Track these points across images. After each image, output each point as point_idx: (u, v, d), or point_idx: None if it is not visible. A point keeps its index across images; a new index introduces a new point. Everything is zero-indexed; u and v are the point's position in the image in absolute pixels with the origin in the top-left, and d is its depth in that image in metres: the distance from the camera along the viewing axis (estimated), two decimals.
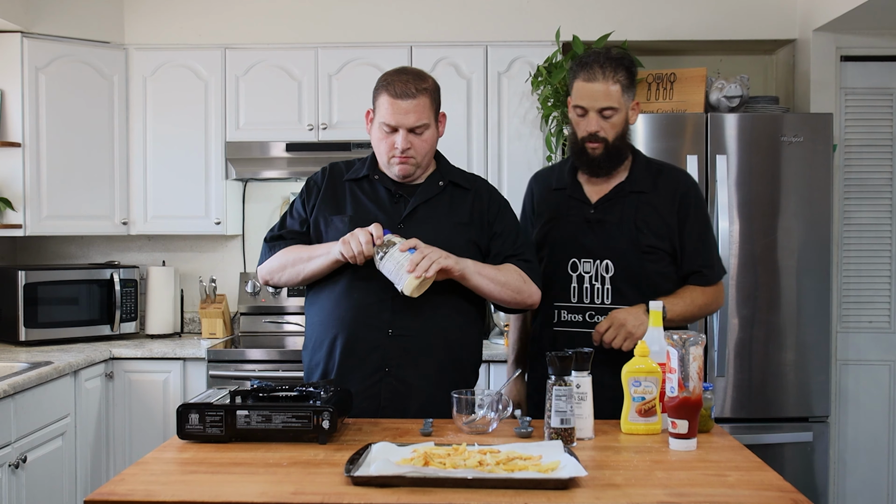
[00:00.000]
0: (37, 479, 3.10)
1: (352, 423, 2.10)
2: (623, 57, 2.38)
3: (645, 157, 2.50)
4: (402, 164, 2.27)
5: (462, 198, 2.35)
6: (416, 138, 2.25)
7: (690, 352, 1.88)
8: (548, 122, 3.90)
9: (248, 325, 4.28)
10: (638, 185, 2.41)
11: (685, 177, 2.49)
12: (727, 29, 4.03)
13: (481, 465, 1.65)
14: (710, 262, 2.44)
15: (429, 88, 2.26)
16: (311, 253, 2.27)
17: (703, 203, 2.47)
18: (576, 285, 2.40)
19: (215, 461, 1.78)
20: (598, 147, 2.36)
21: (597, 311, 2.38)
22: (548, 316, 2.45)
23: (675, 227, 2.39)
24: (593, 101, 2.34)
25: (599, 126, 2.34)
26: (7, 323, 3.83)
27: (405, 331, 2.23)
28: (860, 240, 3.90)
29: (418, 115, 2.23)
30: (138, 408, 3.74)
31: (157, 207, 4.10)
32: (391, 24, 4.08)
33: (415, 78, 2.25)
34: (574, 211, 2.44)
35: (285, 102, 4.06)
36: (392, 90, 2.22)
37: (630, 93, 2.38)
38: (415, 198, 2.31)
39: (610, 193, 2.41)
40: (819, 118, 3.57)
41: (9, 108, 3.84)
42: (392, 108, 2.22)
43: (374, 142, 2.31)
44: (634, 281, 2.36)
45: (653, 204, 2.40)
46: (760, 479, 1.66)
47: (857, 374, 3.90)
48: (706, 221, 2.47)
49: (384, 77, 2.28)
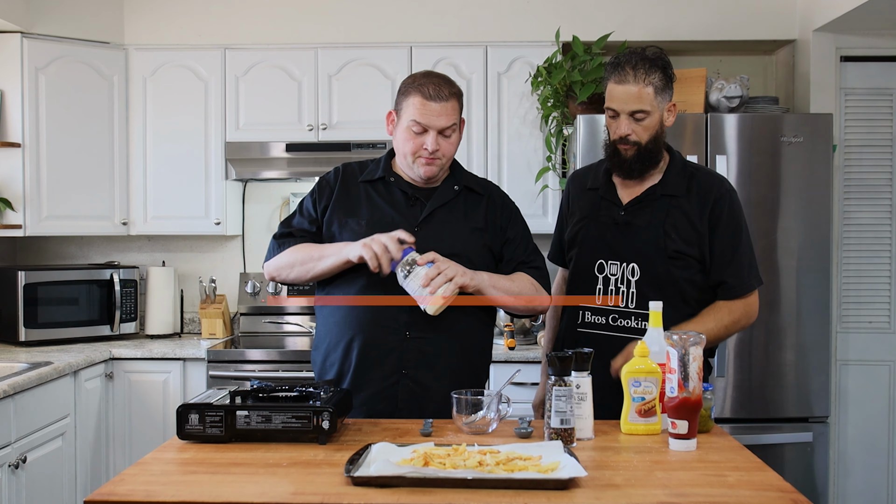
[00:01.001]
0: (37, 480, 3.10)
1: (352, 424, 2.10)
2: (658, 58, 2.31)
3: (682, 160, 2.42)
4: (428, 166, 2.27)
5: (476, 203, 2.37)
6: (444, 140, 2.26)
7: (690, 352, 1.87)
8: (548, 122, 3.90)
9: (248, 326, 4.28)
10: (670, 188, 2.36)
11: (720, 182, 2.39)
12: (727, 29, 4.03)
13: (481, 466, 1.65)
14: (739, 272, 2.34)
15: (458, 93, 2.30)
16: (322, 252, 2.27)
17: (737, 211, 2.37)
18: (601, 286, 2.37)
19: (215, 461, 1.78)
20: (630, 149, 2.32)
21: (620, 314, 2.35)
22: (573, 317, 2.44)
23: (706, 234, 2.32)
24: (624, 104, 2.29)
25: (631, 129, 2.30)
26: (7, 323, 3.83)
27: (422, 333, 2.24)
28: (860, 240, 3.90)
29: (448, 118, 2.25)
30: (138, 408, 3.74)
31: (157, 208, 4.10)
32: (391, 24, 4.08)
33: (446, 82, 2.28)
34: (605, 212, 2.41)
35: (285, 103, 4.06)
36: (425, 91, 2.24)
37: (665, 94, 2.32)
38: (431, 201, 2.32)
39: (641, 196, 2.37)
40: (819, 118, 3.57)
41: (9, 108, 3.84)
42: (424, 108, 2.23)
43: (399, 142, 2.31)
44: (659, 286, 2.31)
45: (683, 208, 2.34)
46: (760, 480, 1.66)
47: (857, 374, 3.90)
48: (738, 230, 2.36)
49: (414, 79, 2.29)
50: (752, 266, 2.38)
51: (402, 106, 2.29)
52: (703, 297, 2.36)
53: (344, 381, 2.29)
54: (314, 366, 2.40)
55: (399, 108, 2.30)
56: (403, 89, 2.30)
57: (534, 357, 3.62)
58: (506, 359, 3.64)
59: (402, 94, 2.30)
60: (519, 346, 3.85)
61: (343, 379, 2.29)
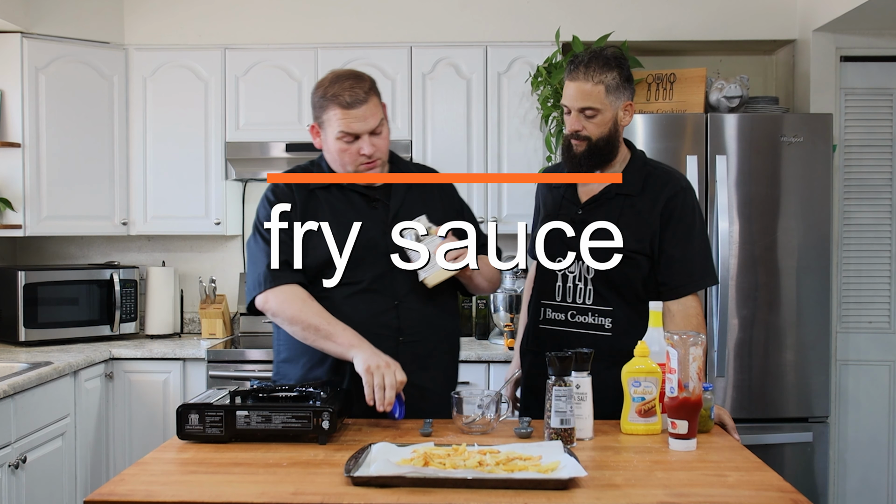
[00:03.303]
0: (37, 480, 3.10)
1: (352, 423, 2.10)
2: (614, 57, 2.31)
3: (643, 159, 2.42)
4: (371, 169, 2.24)
5: (428, 190, 2.35)
6: (377, 139, 2.22)
7: (690, 352, 1.88)
8: (548, 122, 3.90)
9: (248, 326, 4.28)
10: (625, 187, 2.35)
11: (676, 180, 2.36)
12: (727, 29, 4.03)
13: (481, 466, 1.65)
14: (684, 272, 2.29)
15: (372, 86, 2.23)
16: (329, 332, 2.13)
17: (690, 209, 2.33)
18: (560, 284, 2.38)
19: (215, 461, 1.78)
20: (581, 145, 2.33)
21: (578, 310, 2.35)
22: (535, 314, 2.45)
23: (657, 232, 2.31)
24: (574, 101, 2.31)
25: (581, 125, 2.31)
26: (7, 323, 3.83)
27: (414, 336, 2.24)
28: (860, 240, 3.90)
29: (374, 117, 2.20)
30: (138, 408, 3.74)
31: (157, 208, 4.10)
32: (391, 24, 4.07)
33: (357, 81, 2.21)
34: (564, 210, 2.43)
35: (285, 102, 4.06)
36: (342, 100, 2.17)
37: (619, 93, 2.30)
38: (393, 200, 2.28)
39: (597, 195, 2.38)
40: (819, 118, 3.57)
41: (9, 108, 3.84)
42: (347, 117, 2.17)
43: (332, 154, 2.25)
44: (613, 284, 2.31)
45: (637, 207, 2.33)
46: (760, 480, 1.66)
47: (856, 374, 3.90)
48: (690, 229, 2.32)
49: (325, 90, 2.20)
50: (705, 266, 2.34)
51: (322, 119, 2.22)
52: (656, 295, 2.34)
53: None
54: (283, 379, 2.28)
55: (320, 121, 2.24)
56: (318, 102, 2.22)
57: None
58: (505, 359, 3.63)
59: (319, 108, 2.22)
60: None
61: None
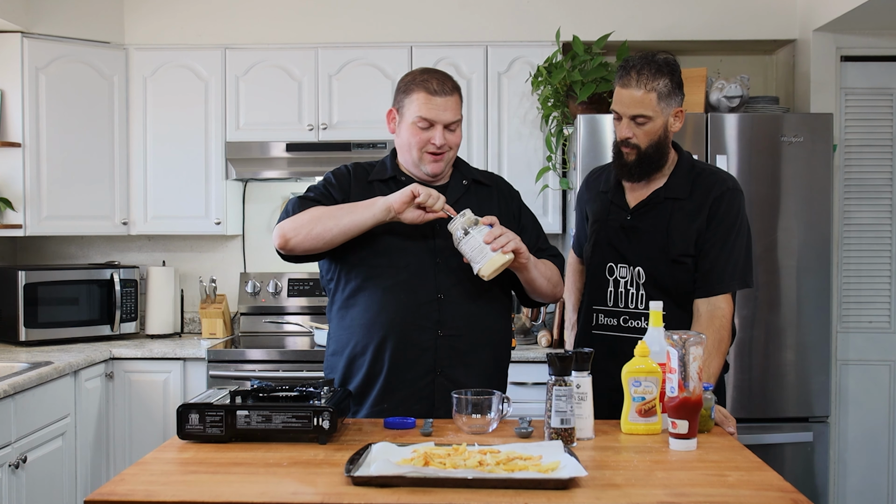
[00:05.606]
0: (37, 480, 3.10)
1: (352, 423, 2.10)
2: (666, 63, 2.32)
3: (690, 162, 2.41)
4: (436, 162, 2.26)
5: (487, 195, 2.37)
6: (450, 135, 2.26)
7: (690, 352, 1.87)
8: (548, 122, 3.91)
9: (248, 326, 4.28)
10: (674, 191, 2.36)
11: (723, 180, 2.37)
12: (727, 29, 4.03)
13: (481, 465, 1.65)
14: (720, 272, 2.30)
15: (459, 88, 2.30)
16: (351, 207, 2.19)
17: (735, 210, 2.33)
18: (612, 289, 2.41)
19: (215, 461, 1.78)
20: (631, 153, 2.34)
21: (631, 315, 2.37)
22: (587, 318, 2.47)
23: (702, 232, 2.32)
24: (626, 108, 2.31)
25: (632, 132, 2.32)
26: (7, 323, 3.83)
27: (455, 330, 2.24)
28: (860, 240, 3.90)
29: (454, 112, 2.25)
30: (138, 408, 3.74)
31: (157, 207, 4.10)
32: (391, 24, 4.08)
33: (447, 77, 2.29)
34: (613, 216, 2.44)
35: (285, 102, 4.06)
36: (429, 87, 2.23)
37: (670, 100, 2.31)
38: (448, 196, 2.28)
39: (646, 200, 2.39)
40: (819, 118, 3.57)
41: (9, 108, 3.84)
42: (429, 103, 2.22)
43: (403, 139, 2.28)
44: (665, 289, 2.33)
45: (686, 210, 2.34)
46: (760, 479, 1.66)
47: (857, 374, 3.90)
48: (730, 230, 2.32)
49: (415, 76, 2.28)
50: (739, 269, 2.32)
51: (403, 103, 2.27)
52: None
53: (375, 384, 2.24)
54: (332, 372, 2.33)
55: (400, 106, 2.29)
56: (404, 87, 2.28)
57: (534, 357, 3.62)
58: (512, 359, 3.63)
59: (404, 92, 2.28)
60: (519, 345, 3.86)
61: (373, 382, 2.25)
